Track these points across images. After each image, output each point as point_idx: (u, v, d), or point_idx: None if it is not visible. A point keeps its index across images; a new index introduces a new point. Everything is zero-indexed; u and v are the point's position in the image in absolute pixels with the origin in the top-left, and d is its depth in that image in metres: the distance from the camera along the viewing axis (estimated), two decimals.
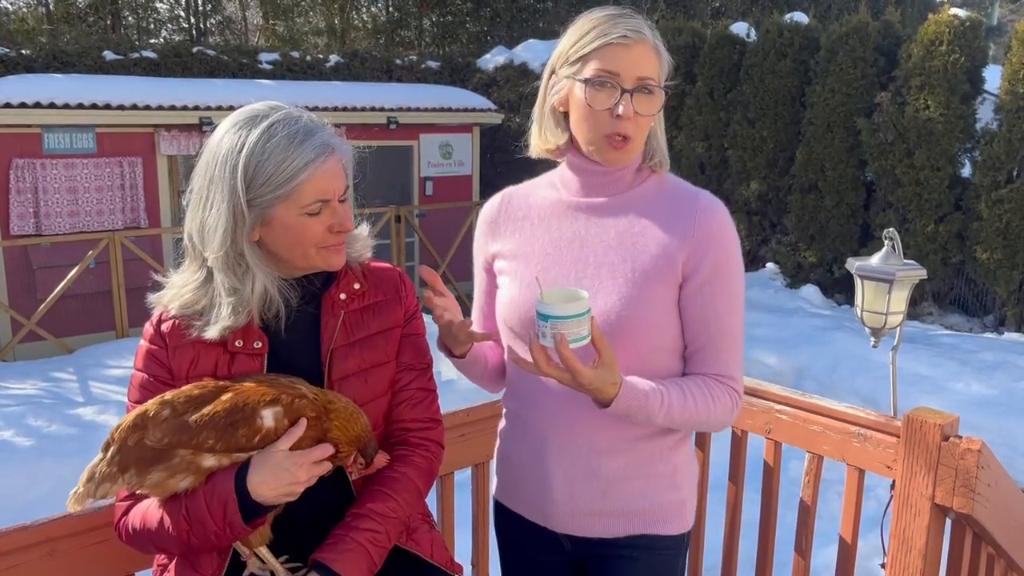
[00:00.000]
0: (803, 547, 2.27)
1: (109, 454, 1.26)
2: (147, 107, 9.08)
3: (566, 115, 1.49)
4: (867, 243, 10.07)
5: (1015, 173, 8.85)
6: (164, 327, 1.38)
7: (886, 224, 9.61)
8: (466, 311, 1.60)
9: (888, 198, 9.77)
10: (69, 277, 8.03)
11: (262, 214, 1.30)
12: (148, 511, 1.31)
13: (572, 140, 1.50)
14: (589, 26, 1.42)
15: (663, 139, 1.52)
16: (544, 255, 1.53)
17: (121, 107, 8.92)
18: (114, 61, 11.44)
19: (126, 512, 1.36)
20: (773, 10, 14.83)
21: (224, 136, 1.30)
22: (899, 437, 2.01)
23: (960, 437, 1.94)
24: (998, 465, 2.00)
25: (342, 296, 1.44)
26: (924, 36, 9.21)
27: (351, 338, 1.43)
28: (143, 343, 1.40)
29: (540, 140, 1.54)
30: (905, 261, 3.32)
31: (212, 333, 1.33)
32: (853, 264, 3.51)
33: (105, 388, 6.91)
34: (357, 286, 1.46)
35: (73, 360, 7.64)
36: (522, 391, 1.57)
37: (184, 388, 1.29)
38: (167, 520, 1.28)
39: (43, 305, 8.08)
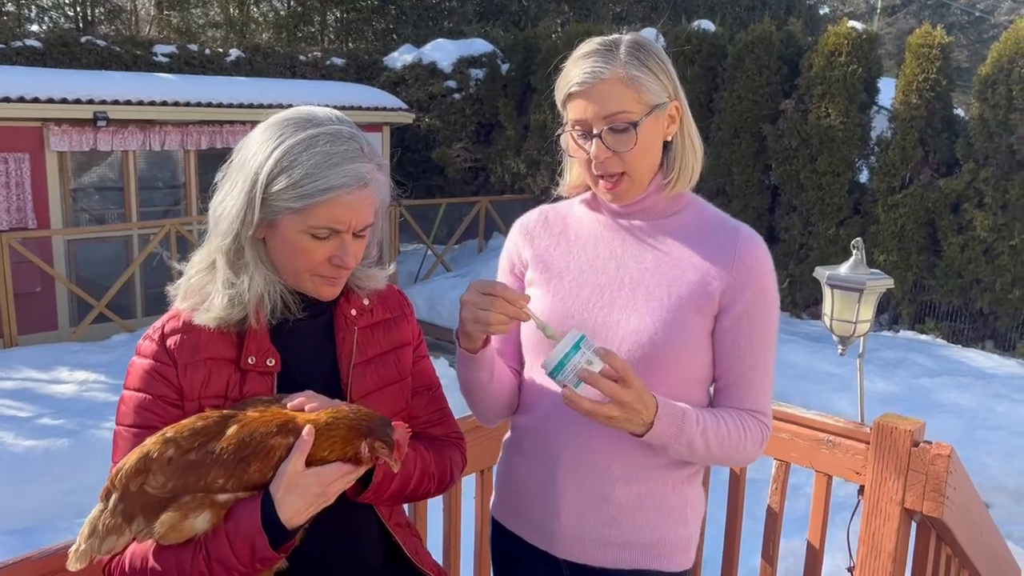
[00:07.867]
0: (770, 553, 2.28)
1: (111, 503, 1.11)
2: (35, 100, 8.52)
3: None
4: (772, 245, 10.42)
5: (908, 179, 9.34)
6: (170, 342, 1.25)
7: (790, 227, 10.00)
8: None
9: (792, 202, 10.15)
10: None
11: (270, 216, 1.24)
12: (151, 550, 1.16)
13: None
14: (562, 73, 1.42)
15: (690, 152, 1.48)
16: (579, 272, 1.49)
17: (7, 99, 8.33)
18: None
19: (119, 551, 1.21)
20: (682, 15, 15.20)
21: (270, 127, 1.26)
22: (868, 443, 2.04)
23: (929, 442, 1.98)
24: (962, 468, 2.06)
25: (352, 312, 1.38)
26: (824, 47, 9.62)
27: (364, 356, 1.37)
28: (142, 360, 1.26)
29: (571, 177, 1.55)
30: (872, 271, 3.42)
31: (203, 319, 1.25)
32: (823, 274, 3.58)
33: None
34: (366, 302, 1.40)
35: None
36: (537, 405, 1.50)
37: (185, 421, 1.16)
38: (179, 562, 1.14)
39: None
